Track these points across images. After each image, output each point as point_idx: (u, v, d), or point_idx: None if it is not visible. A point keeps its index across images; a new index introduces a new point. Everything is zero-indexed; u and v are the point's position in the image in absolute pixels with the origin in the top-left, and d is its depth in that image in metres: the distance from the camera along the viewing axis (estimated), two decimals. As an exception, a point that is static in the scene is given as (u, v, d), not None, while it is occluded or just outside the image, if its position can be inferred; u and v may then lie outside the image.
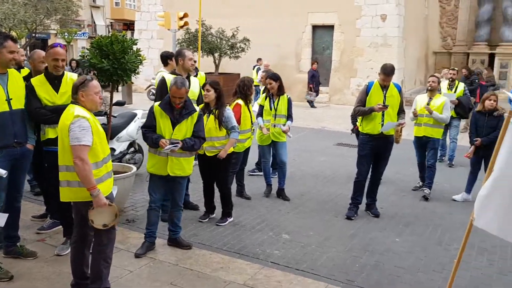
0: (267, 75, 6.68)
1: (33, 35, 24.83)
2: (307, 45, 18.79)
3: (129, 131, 7.11)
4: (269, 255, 4.67)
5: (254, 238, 5.09)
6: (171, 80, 4.50)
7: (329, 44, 18.53)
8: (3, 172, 3.84)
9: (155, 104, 4.51)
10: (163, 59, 6.46)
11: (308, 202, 6.39)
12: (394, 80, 5.84)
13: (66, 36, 30.98)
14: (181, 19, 15.27)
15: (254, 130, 6.40)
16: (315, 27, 18.63)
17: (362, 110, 5.69)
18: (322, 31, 18.59)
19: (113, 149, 6.76)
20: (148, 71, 18.43)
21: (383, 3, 17.13)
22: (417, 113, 6.84)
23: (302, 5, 18.08)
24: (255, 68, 16.57)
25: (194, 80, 5.84)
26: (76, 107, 3.45)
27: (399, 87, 5.78)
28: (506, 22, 19.70)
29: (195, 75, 6.62)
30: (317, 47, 18.93)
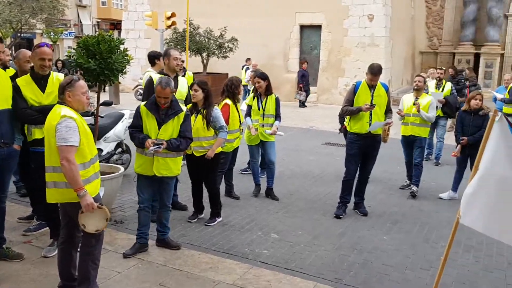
0: (255, 75, 6.69)
1: (18, 34, 24.53)
2: (295, 45, 18.84)
3: (116, 131, 7.06)
4: (258, 254, 4.68)
5: (243, 238, 5.09)
6: (156, 80, 4.48)
7: (317, 44, 18.60)
8: None
9: (141, 104, 4.50)
10: (150, 59, 6.42)
11: (296, 202, 6.41)
12: (381, 79, 5.89)
13: (52, 36, 30.67)
14: (168, 18, 15.20)
15: (242, 130, 6.39)
16: (303, 27, 18.68)
17: (350, 109, 5.72)
18: (309, 31, 18.66)
19: (100, 150, 6.71)
20: (136, 71, 18.32)
21: (370, 4, 17.24)
22: (402, 113, 6.92)
23: (290, 5, 18.12)
24: (244, 68, 16.57)
25: (182, 80, 5.82)
26: (63, 107, 3.41)
27: (386, 87, 5.83)
28: (491, 22, 19.96)
29: (183, 75, 6.61)
30: (305, 47, 18.98)
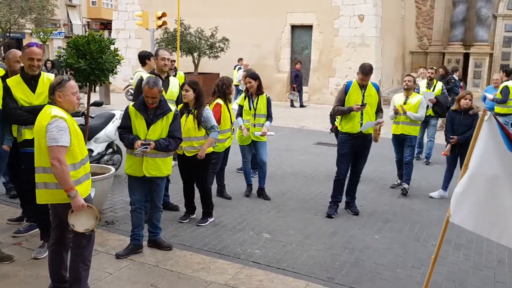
0: (246, 75, 6.69)
1: (7, 34, 24.28)
2: (286, 45, 18.87)
3: (107, 132, 7.02)
4: (250, 254, 4.68)
5: (235, 238, 5.09)
6: (144, 79, 4.46)
7: (308, 44, 18.64)
8: None
9: (130, 105, 4.48)
10: (141, 59, 6.41)
11: (288, 201, 6.42)
12: (372, 79, 5.91)
13: (41, 36, 30.38)
14: (159, 18, 15.13)
15: (234, 129, 6.39)
16: (294, 27, 18.71)
17: (341, 109, 5.74)
18: (301, 31, 18.69)
19: (91, 150, 6.67)
20: (126, 71, 18.21)
21: (360, 4, 17.31)
22: (397, 111, 6.95)
23: (281, 5, 18.14)
24: (236, 68, 16.56)
25: (173, 81, 5.81)
26: (53, 107, 3.39)
27: (377, 87, 5.86)
28: (480, 22, 20.14)
29: (174, 75, 6.59)
30: (296, 47, 19.02)
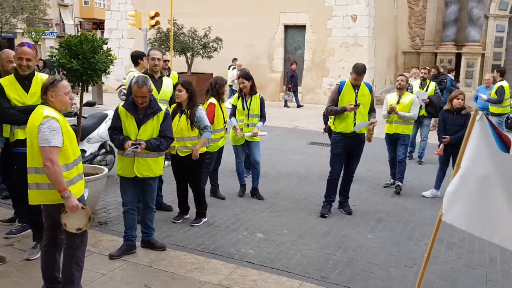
0: (239, 75, 6.69)
1: (-2, 34, 24.14)
2: (280, 45, 18.89)
3: (100, 132, 6.99)
4: (244, 254, 4.68)
5: (229, 238, 5.09)
6: (133, 79, 4.45)
7: (301, 44, 18.67)
8: None
9: (120, 105, 4.46)
10: (134, 59, 6.38)
11: (282, 201, 6.43)
12: (365, 79, 5.93)
13: (33, 36, 30.20)
14: (152, 18, 15.09)
15: (227, 129, 6.38)
16: (287, 27, 18.73)
17: (335, 109, 5.75)
18: (294, 31, 18.72)
19: (83, 151, 6.64)
20: (119, 71, 18.16)
21: (353, 4, 17.37)
22: (392, 110, 6.98)
23: (274, 5, 18.16)
24: (231, 68, 16.55)
25: (167, 81, 5.79)
26: (46, 107, 3.37)
27: (370, 86, 5.88)
28: (472, 22, 20.28)
29: (168, 75, 6.58)
30: (289, 47, 19.04)
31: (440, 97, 9.11)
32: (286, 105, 17.18)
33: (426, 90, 8.89)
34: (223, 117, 6.11)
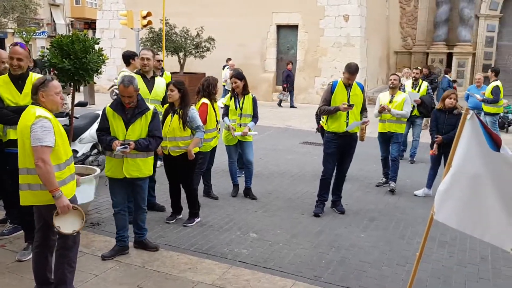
0: (232, 74, 6.69)
1: (-11, 34, 23.93)
2: (272, 44, 18.89)
3: (92, 132, 6.95)
4: (237, 254, 4.68)
5: (222, 238, 5.09)
6: (119, 79, 4.43)
7: (294, 44, 18.69)
8: None
9: (107, 106, 4.43)
10: (125, 58, 6.35)
11: (275, 201, 6.43)
12: (357, 79, 5.96)
13: (24, 35, 29.98)
14: (144, 18, 15.02)
15: (220, 129, 6.37)
16: (279, 27, 18.74)
17: (328, 109, 5.77)
18: (286, 31, 18.73)
19: (75, 151, 6.61)
20: (111, 71, 18.07)
21: (345, 4, 17.42)
22: (383, 109, 7.01)
23: (266, 5, 18.16)
24: (225, 68, 16.52)
25: (159, 80, 5.77)
26: (37, 107, 3.36)
27: (361, 86, 5.91)
28: (463, 22, 20.42)
29: (161, 75, 6.56)
30: (282, 46, 19.05)
31: (432, 97, 9.16)
32: (280, 105, 17.18)
33: (418, 90, 8.94)
34: (216, 117, 6.11)
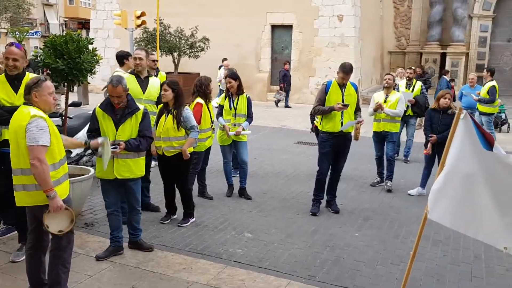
0: (226, 74, 6.68)
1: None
2: (267, 44, 18.90)
3: (85, 132, 6.92)
4: (232, 254, 4.68)
5: (217, 238, 5.08)
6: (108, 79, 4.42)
7: (288, 44, 18.71)
8: None
9: (97, 106, 4.40)
10: (119, 59, 6.33)
11: (270, 201, 6.44)
12: (351, 79, 5.97)
13: (17, 35, 29.80)
14: (138, 18, 14.97)
15: (214, 129, 6.37)
16: (274, 27, 18.75)
17: (322, 109, 5.78)
18: (281, 31, 18.74)
19: (69, 152, 6.57)
20: (105, 71, 17.99)
21: (339, 4, 17.45)
22: (377, 108, 7.04)
23: (261, 5, 18.16)
24: (222, 68, 16.48)
25: (153, 81, 5.75)
26: (30, 107, 3.34)
27: (355, 86, 5.93)
28: (456, 22, 20.54)
29: (156, 75, 6.54)
30: (277, 46, 19.06)
31: (426, 97, 9.19)
32: (277, 105, 17.14)
33: (412, 90, 8.97)
34: (210, 117, 6.10)
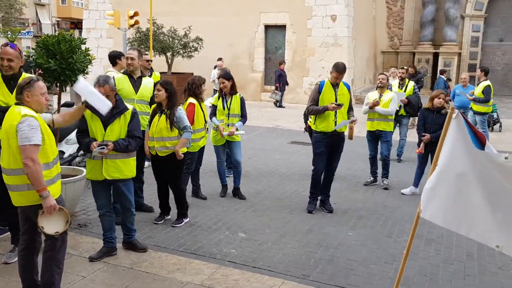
0: (220, 74, 6.68)
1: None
2: (260, 44, 18.91)
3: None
4: (226, 254, 4.68)
5: (211, 238, 5.08)
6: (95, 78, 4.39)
7: (282, 44, 18.73)
8: None
9: None
10: (111, 58, 6.29)
11: (264, 200, 6.44)
12: (345, 79, 6.00)
13: (9, 35, 29.60)
14: (131, 17, 14.91)
15: (207, 129, 6.36)
16: (267, 27, 18.76)
17: (316, 109, 5.79)
18: (274, 31, 18.76)
19: (62, 152, 6.55)
20: (98, 71, 17.82)
21: (332, 4, 17.49)
22: (373, 105, 7.07)
23: (254, 5, 18.17)
24: (216, 68, 16.44)
25: (147, 81, 5.73)
26: (22, 107, 3.32)
27: (348, 86, 5.95)
28: (448, 22, 20.65)
29: (150, 75, 6.52)
30: (270, 46, 19.08)
31: (419, 96, 9.24)
32: (276, 105, 17.05)
33: (405, 90, 9.02)
34: (204, 116, 6.10)
